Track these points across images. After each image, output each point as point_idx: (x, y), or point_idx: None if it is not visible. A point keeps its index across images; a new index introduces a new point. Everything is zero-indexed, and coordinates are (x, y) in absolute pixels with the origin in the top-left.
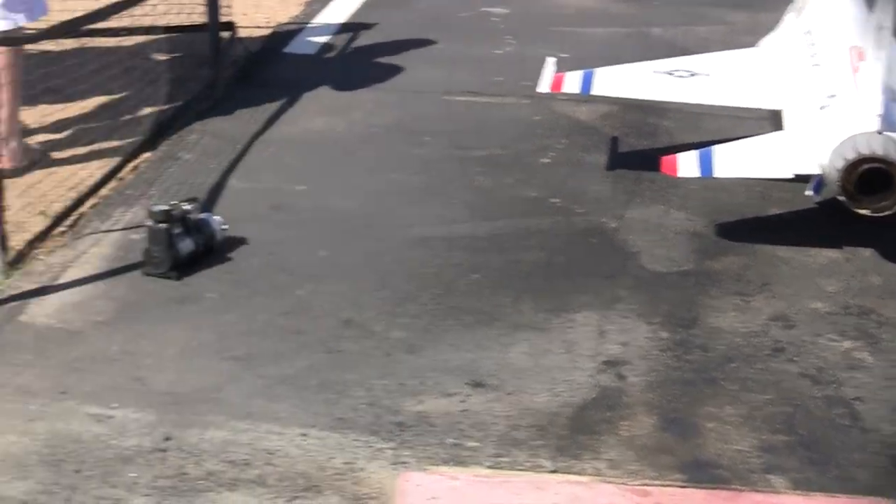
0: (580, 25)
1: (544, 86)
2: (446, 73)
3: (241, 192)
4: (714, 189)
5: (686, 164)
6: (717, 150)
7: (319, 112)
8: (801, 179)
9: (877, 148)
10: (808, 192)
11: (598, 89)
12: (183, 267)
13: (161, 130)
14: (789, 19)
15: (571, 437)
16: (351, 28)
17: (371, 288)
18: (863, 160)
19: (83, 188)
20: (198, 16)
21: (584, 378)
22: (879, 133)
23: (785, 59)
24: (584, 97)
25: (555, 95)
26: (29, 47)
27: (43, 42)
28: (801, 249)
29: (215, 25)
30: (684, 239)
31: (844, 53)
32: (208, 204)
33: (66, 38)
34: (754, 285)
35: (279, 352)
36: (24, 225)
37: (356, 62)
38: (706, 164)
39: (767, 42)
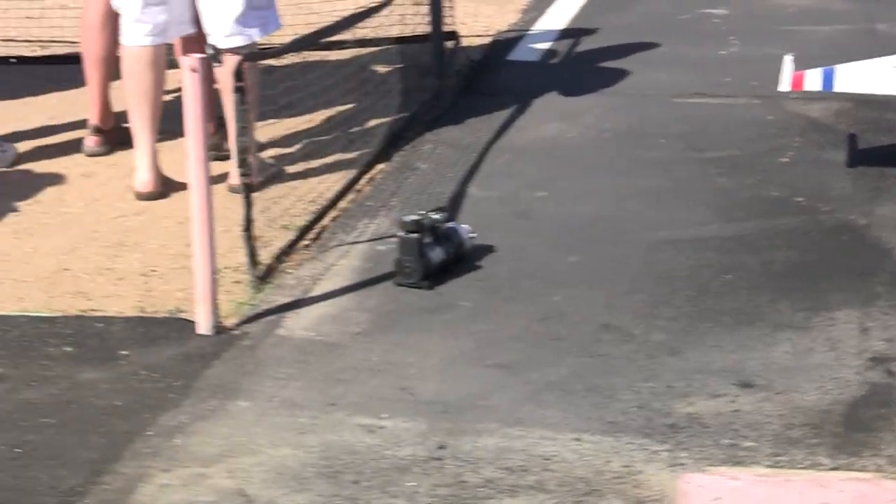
0: (803, 24)
1: (785, 84)
2: (672, 75)
3: (481, 200)
4: None
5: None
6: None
7: (549, 118)
8: None
9: None
10: None
11: (840, 86)
12: (434, 276)
13: (393, 141)
14: None
15: (847, 434)
16: (571, 33)
17: (624, 292)
18: None
19: (323, 201)
20: (421, 26)
21: (851, 375)
22: None
23: None
24: (817, 95)
25: (786, 95)
26: None
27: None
28: None
29: (439, 35)
30: None
31: None
32: (451, 213)
33: (299, 52)
34: None
35: (541, 358)
36: (268, 240)
37: (580, 67)
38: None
39: None
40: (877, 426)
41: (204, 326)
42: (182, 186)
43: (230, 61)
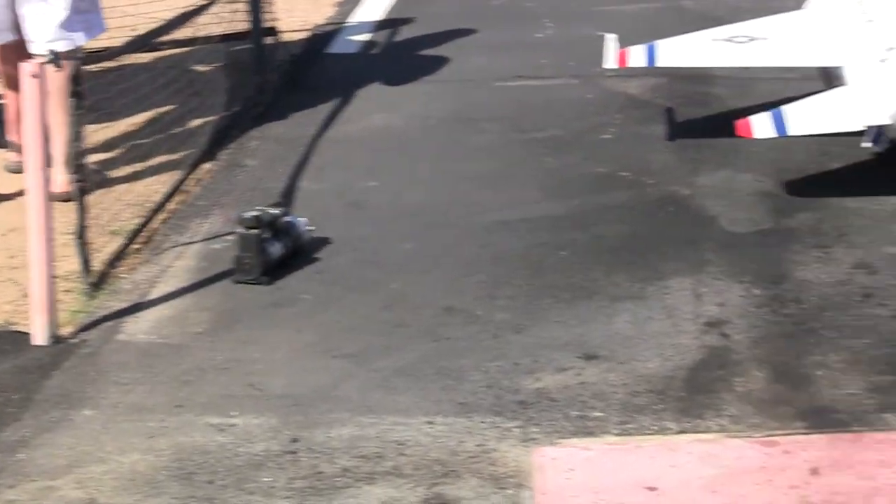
0: (612, 4)
1: (611, 62)
2: (492, 60)
3: (314, 193)
4: (775, 149)
5: (760, 126)
6: (788, 109)
7: (374, 109)
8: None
9: None
10: (866, 144)
11: (663, 61)
12: (273, 271)
13: (219, 140)
14: None
15: (690, 398)
16: (388, 24)
17: (463, 275)
18: None
19: (150, 203)
20: (242, 24)
21: (689, 340)
22: None
23: (837, 17)
24: (636, 72)
25: (604, 73)
26: None
27: None
28: (868, 199)
29: (259, 32)
30: (756, 199)
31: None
32: (287, 207)
33: (118, 57)
34: (831, 237)
35: (388, 345)
36: (99, 246)
37: (400, 57)
38: (780, 123)
39: (814, 3)
40: (717, 388)
41: (40, 337)
42: None
43: (66, 66)
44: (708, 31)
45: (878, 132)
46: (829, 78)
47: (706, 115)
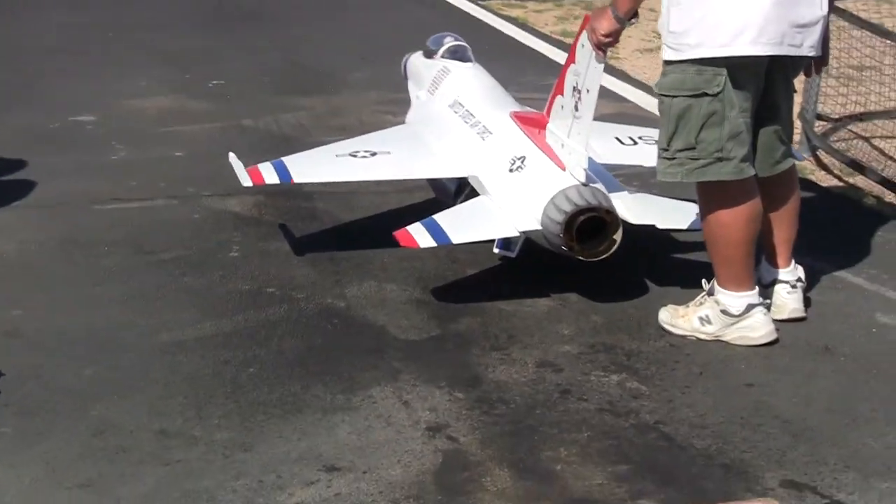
0: (172, 125)
1: (246, 180)
2: (79, 183)
3: None
4: (407, 258)
5: (421, 236)
6: (441, 219)
7: None
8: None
9: (591, 199)
10: (497, 250)
11: (298, 177)
12: None
13: None
14: (421, 97)
15: (451, 500)
16: None
17: (161, 397)
18: (580, 211)
19: None
20: None
21: (420, 446)
22: (585, 185)
23: (448, 130)
24: (226, 189)
25: (198, 192)
26: None
27: None
28: (518, 302)
29: None
30: (413, 307)
31: (508, 120)
32: None
33: None
34: (503, 339)
35: (120, 472)
36: None
37: None
38: (438, 232)
39: (414, 118)
40: (471, 488)
41: None
42: None
43: None
44: (326, 147)
45: (503, 239)
46: (441, 188)
47: (322, 228)
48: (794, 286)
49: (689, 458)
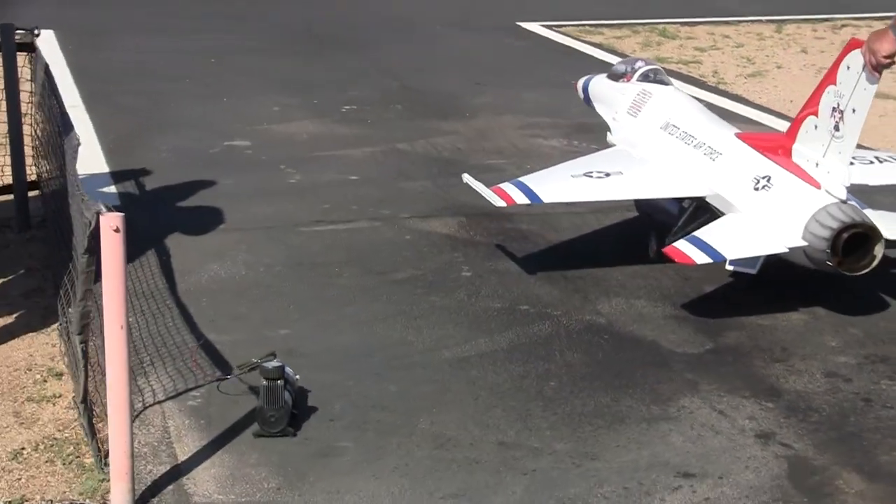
0: (329, 149)
1: (497, 201)
2: (269, 207)
3: (230, 344)
4: (640, 277)
5: (694, 253)
6: (706, 236)
7: (201, 258)
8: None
9: (854, 216)
10: (730, 267)
11: (546, 197)
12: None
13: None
14: (619, 119)
15: (815, 501)
16: (120, 176)
17: (478, 410)
18: (846, 227)
19: None
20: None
21: (759, 452)
22: (845, 202)
23: (671, 152)
24: (417, 212)
25: (396, 214)
26: None
27: None
28: (771, 316)
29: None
30: (676, 323)
31: (736, 140)
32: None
33: None
34: (777, 352)
35: (483, 483)
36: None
37: (171, 205)
38: (709, 249)
39: (623, 139)
40: (828, 490)
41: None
42: None
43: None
44: (559, 167)
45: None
46: (659, 208)
47: (540, 248)
48: None
49: None
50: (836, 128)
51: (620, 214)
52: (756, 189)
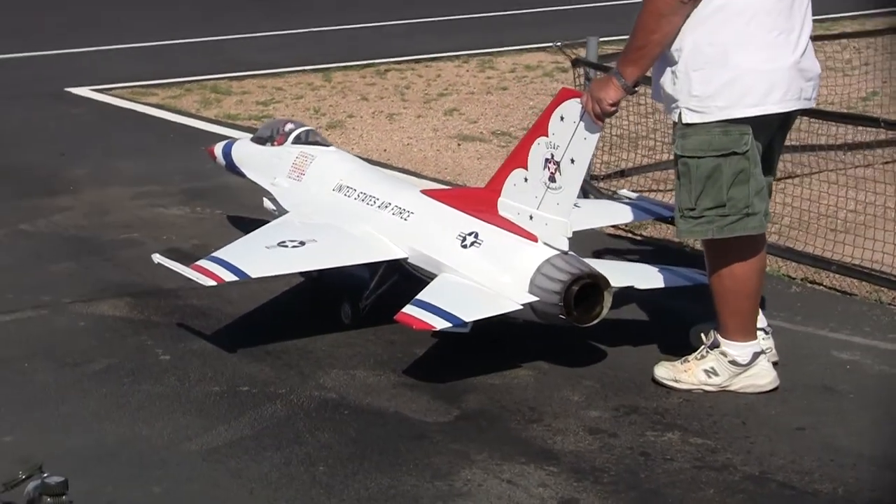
0: None
1: (206, 281)
2: None
3: None
4: (346, 346)
5: (432, 319)
6: (434, 299)
7: None
8: None
9: (581, 266)
10: (445, 327)
11: (252, 272)
12: None
13: None
14: (281, 184)
15: None
16: None
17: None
18: (575, 280)
19: None
20: None
21: None
22: (566, 253)
23: (353, 215)
24: (80, 294)
25: (59, 299)
26: None
27: None
28: (498, 375)
29: None
30: (410, 391)
31: (424, 198)
32: None
33: None
34: (527, 413)
35: None
36: None
37: None
38: (446, 315)
39: (294, 204)
40: None
41: None
42: None
43: None
44: (250, 237)
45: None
46: (349, 275)
47: (223, 323)
48: (767, 331)
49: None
50: (552, 179)
51: (286, 281)
52: (465, 246)
